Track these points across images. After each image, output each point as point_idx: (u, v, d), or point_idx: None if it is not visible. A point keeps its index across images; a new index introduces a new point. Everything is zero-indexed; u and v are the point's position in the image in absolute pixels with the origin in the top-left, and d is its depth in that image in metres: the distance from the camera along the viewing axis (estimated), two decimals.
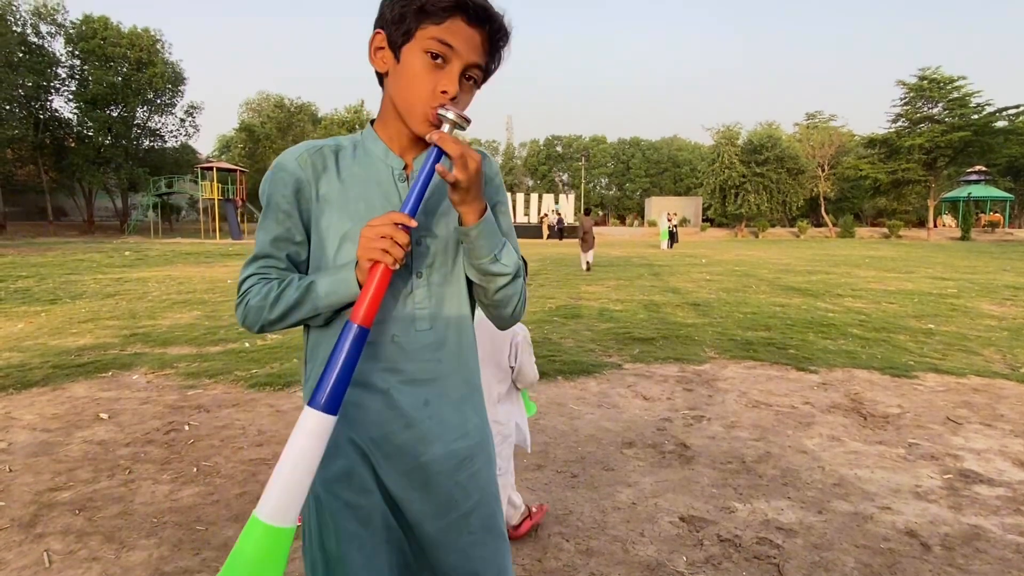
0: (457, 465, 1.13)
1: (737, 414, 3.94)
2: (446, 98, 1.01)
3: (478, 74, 1.07)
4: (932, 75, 39.79)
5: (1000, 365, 5.25)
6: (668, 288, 10.62)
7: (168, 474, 2.99)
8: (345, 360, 0.98)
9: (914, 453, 3.33)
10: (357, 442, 1.09)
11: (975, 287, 10.85)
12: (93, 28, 37.46)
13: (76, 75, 38.05)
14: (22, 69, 33.41)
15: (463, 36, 1.01)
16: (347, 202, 1.09)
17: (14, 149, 36.66)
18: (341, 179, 1.10)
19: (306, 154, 1.10)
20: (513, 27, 1.08)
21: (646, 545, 2.38)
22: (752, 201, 43.81)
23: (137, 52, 38.22)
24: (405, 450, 1.10)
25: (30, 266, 14.11)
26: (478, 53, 1.04)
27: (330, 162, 1.11)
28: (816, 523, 2.55)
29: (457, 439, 1.13)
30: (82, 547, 2.32)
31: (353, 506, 1.09)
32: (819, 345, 5.97)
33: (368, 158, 1.12)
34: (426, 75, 1.02)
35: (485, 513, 1.17)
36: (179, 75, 41.21)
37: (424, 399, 1.10)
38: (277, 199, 1.09)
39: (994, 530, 2.51)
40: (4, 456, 3.19)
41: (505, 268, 1.08)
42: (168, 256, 18.51)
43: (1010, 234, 38.49)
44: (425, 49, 1.02)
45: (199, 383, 4.54)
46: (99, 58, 37.32)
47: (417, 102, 1.03)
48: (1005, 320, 7.44)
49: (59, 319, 7.19)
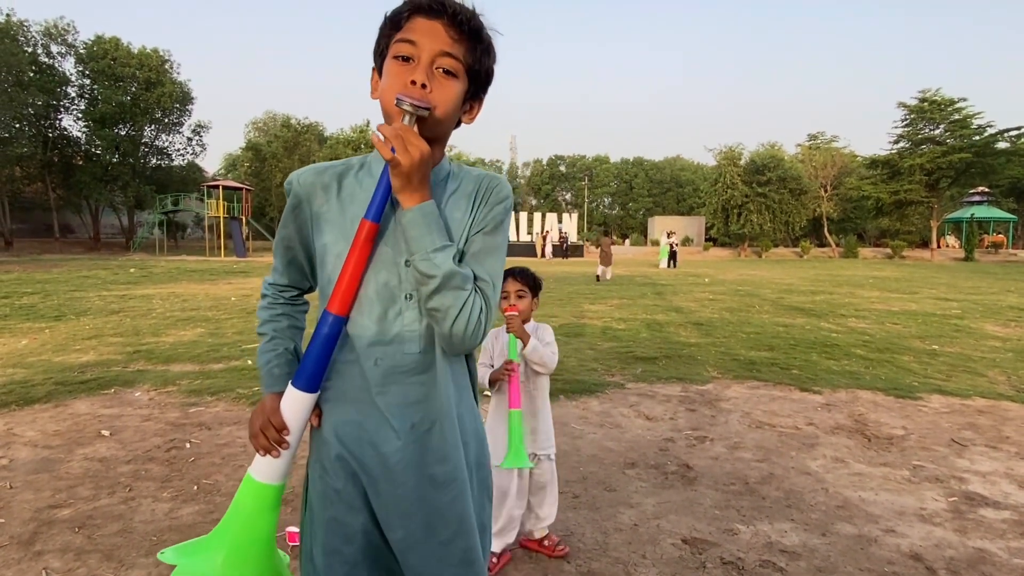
0: (437, 490, 1.13)
1: (740, 435, 3.92)
2: (415, 88, 1.03)
3: (453, 64, 1.07)
4: (933, 97, 40.01)
5: (1005, 386, 5.22)
6: (671, 307, 10.61)
7: (168, 492, 2.97)
8: (322, 345, 1.09)
9: (919, 475, 3.30)
10: (348, 461, 1.12)
11: (979, 308, 10.82)
12: (104, 48, 38.06)
13: (86, 94, 38.59)
14: (32, 88, 33.79)
15: (422, 29, 1.05)
16: (344, 222, 1.12)
17: (22, 167, 37.05)
18: (340, 199, 1.14)
19: (309, 174, 1.16)
20: (480, 11, 1.10)
21: (648, 568, 2.35)
22: (755, 221, 43.88)
23: (146, 72, 38.79)
24: (393, 473, 1.11)
25: (35, 282, 14.18)
26: (442, 41, 1.05)
27: (332, 183, 1.16)
28: (820, 546, 2.52)
29: (437, 463, 1.13)
30: (81, 565, 2.31)
31: (340, 522, 1.13)
32: (823, 365, 5.95)
33: (370, 179, 1.15)
34: (396, 75, 1.06)
35: (464, 545, 1.15)
36: (187, 94, 41.73)
37: (410, 422, 1.12)
38: (284, 215, 1.20)
39: (1000, 554, 2.48)
40: (5, 473, 3.18)
41: (434, 268, 1.03)
42: (173, 273, 18.59)
43: (1014, 255, 38.46)
44: (394, 54, 1.07)
45: (201, 400, 4.54)
46: (109, 78, 37.87)
47: (388, 100, 1.06)
48: (1009, 341, 7.42)
49: (63, 335, 7.21)
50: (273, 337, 1.21)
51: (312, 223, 1.15)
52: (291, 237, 1.19)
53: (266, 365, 1.19)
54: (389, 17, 1.09)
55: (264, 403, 1.15)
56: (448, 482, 1.14)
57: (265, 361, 1.20)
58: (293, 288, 1.26)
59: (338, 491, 1.12)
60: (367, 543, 1.13)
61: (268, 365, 1.19)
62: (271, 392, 1.16)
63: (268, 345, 1.21)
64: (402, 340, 1.10)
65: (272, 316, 1.23)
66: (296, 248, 1.20)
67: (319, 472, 1.15)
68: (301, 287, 1.26)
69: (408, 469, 1.11)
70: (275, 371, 1.18)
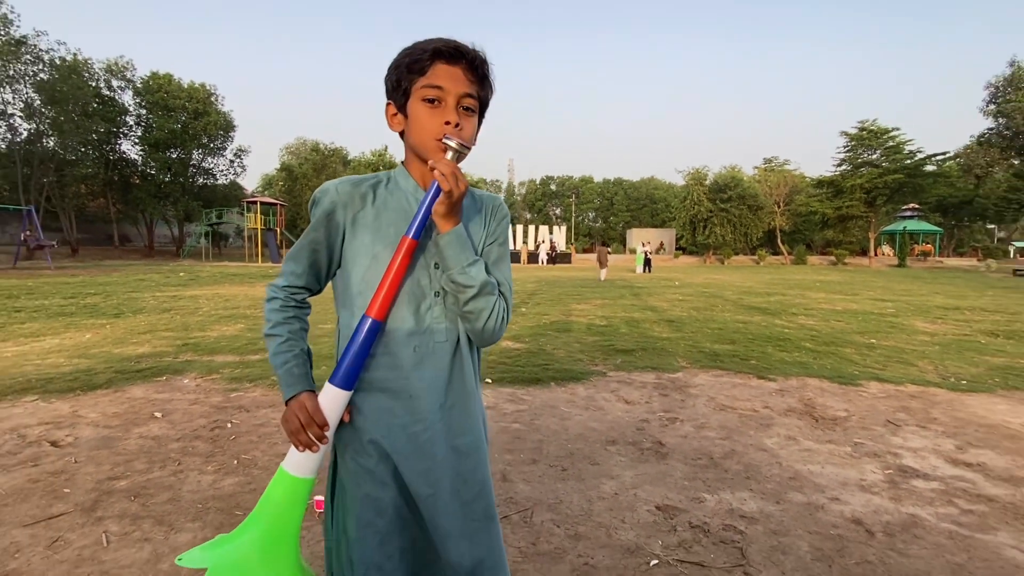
0: (461, 458, 1.15)
1: (706, 416, 3.92)
2: (450, 128, 1.06)
3: (472, 103, 1.10)
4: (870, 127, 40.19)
5: (933, 375, 5.23)
6: (646, 307, 10.61)
7: (212, 465, 2.96)
8: (360, 346, 1.06)
9: (859, 451, 3.31)
10: (380, 444, 1.11)
11: (911, 307, 10.85)
12: (158, 83, 37.98)
13: (142, 123, 38.49)
14: (96, 117, 33.74)
15: (447, 75, 1.07)
16: (380, 227, 1.12)
17: (87, 185, 37.01)
18: (375, 206, 1.14)
19: (348, 184, 1.15)
20: (487, 54, 1.12)
21: (627, 531, 2.35)
22: (718, 233, 44.05)
23: (195, 103, 38.70)
24: (423, 450, 1.11)
25: (98, 285, 14.14)
26: (464, 84, 1.08)
27: (368, 192, 1.15)
28: (774, 512, 2.52)
29: (460, 435, 1.15)
30: (136, 529, 2.30)
31: (372, 498, 1.11)
32: (776, 357, 5.95)
33: (400, 192, 1.16)
34: (429, 117, 1.07)
35: (485, 503, 1.17)
36: (230, 123, 41.63)
37: (439, 402, 1.12)
38: (315, 217, 1.14)
39: (929, 519, 2.48)
40: (71, 449, 3.17)
41: (471, 280, 1.07)
42: (217, 277, 18.54)
43: (940, 262, 38.57)
44: (422, 98, 1.08)
45: (241, 387, 4.52)
46: (162, 108, 37.78)
47: (428, 139, 1.08)
48: (937, 336, 7.43)
49: (122, 331, 7.18)
50: (288, 339, 1.13)
51: (347, 227, 1.13)
52: (319, 240, 1.14)
53: (284, 366, 1.10)
54: (410, 60, 1.08)
55: (302, 401, 1.06)
56: (471, 451, 1.16)
57: (283, 362, 1.11)
58: (306, 290, 1.18)
59: (370, 470, 1.10)
60: (396, 515, 1.12)
61: (287, 366, 1.10)
62: (301, 390, 1.09)
63: (284, 346, 1.12)
64: (432, 331, 1.12)
65: (285, 319, 1.14)
66: (321, 251, 1.15)
67: (351, 454, 1.12)
68: (312, 289, 1.19)
69: (436, 442, 1.11)
70: (295, 371, 1.10)
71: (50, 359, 5.43)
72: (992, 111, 36.59)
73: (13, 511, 2.44)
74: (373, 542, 1.09)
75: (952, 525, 2.43)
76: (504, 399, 4.23)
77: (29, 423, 3.58)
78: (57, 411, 3.83)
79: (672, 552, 2.19)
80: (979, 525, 2.43)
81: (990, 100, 36.60)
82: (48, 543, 2.19)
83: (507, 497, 2.64)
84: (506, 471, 2.93)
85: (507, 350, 6.07)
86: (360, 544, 1.10)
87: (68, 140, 32.31)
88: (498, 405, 4.07)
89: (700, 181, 46.03)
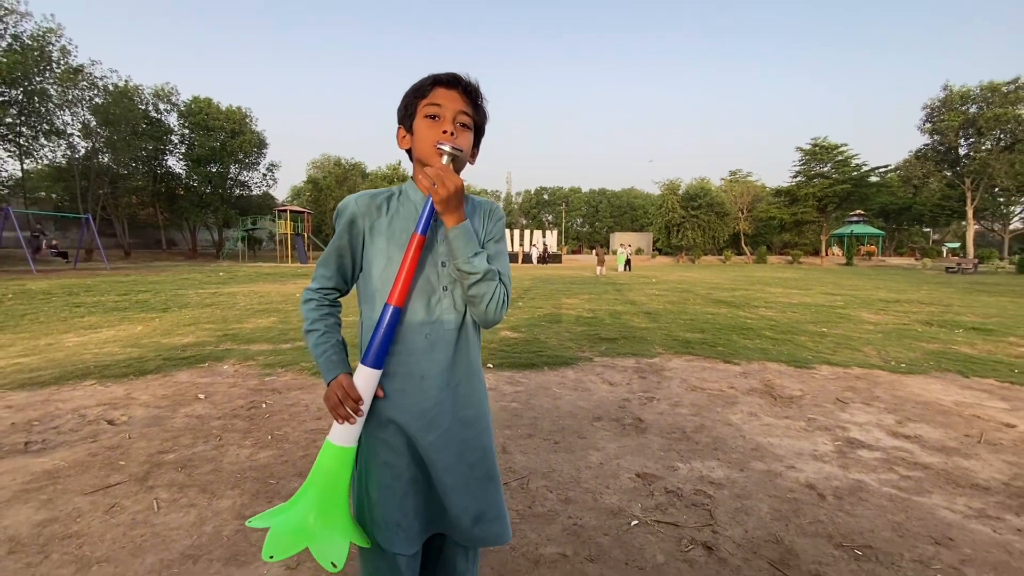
0: (465, 427, 1.17)
1: (679, 396, 3.93)
2: (446, 136, 1.10)
3: (467, 119, 1.14)
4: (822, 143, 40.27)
5: (876, 359, 5.25)
6: (627, 301, 10.61)
7: (249, 440, 2.96)
8: (386, 330, 1.09)
9: (812, 425, 3.32)
10: (397, 421, 1.12)
11: (857, 300, 10.87)
12: (199, 106, 37.73)
13: (185, 141, 38.23)
14: (145, 136, 33.54)
15: (445, 96, 1.12)
16: (393, 234, 1.15)
17: (138, 196, 36.89)
18: (389, 215, 1.17)
19: (365, 197, 1.18)
20: (479, 83, 1.16)
21: (611, 495, 2.36)
22: (690, 236, 44.07)
23: (232, 124, 38.46)
24: (433, 423, 1.13)
25: (148, 283, 14.08)
26: (460, 104, 1.13)
27: (383, 204, 1.18)
28: (739, 478, 2.53)
29: (465, 408, 1.17)
30: (182, 496, 2.30)
31: (390, 464, 1.13)
32: (740, 344, 5.96)
33: (409, 203, 1.18)
34: (429, 129, 1.12)
35: (487, 466, 1.19)
36: (263, 141, 41.40)
37: (446, 380, 1.14)
38: (339, 227, 1.17)
39: (872, 483, 2.50)
40: (125, 427, 3.17)
41: (475, 268, 1.10)
42: (252, 276, 18.48)
43: (883, 261, 38.66)
44: (424, 115, 1.13)
45: (274, 372, 4.52)
46: (203, 128, 37.54)
47: (428, 146, 1.12)
48: (880, 325, 7.45)
49: (169, 323, 7.16)
50: (325, 331, 1.16)
51: (366, 234, 1.16)
52: (344, 247, 1.17)
53: (323, 355, 1.13)
54: (414, 88, 1.14)
55: (340, 381, 1.09)
56: (474, 422, 1.18)
57: (322, 351, 1.13)
58: (335, 291, 1.21)
59: (387, 441, 1.13)
60: (411, 478, 1.14)
61: (326, 354, 1.13)
62: (339, 373, 1.11)
63: (322, 339, 1.15)
64: (442, 320, 1.14)
65: (321, 315, 1.18)
66: (346, 256, 1.18)
67: (371, 430, 1.14)
68: (341, 289, 1.22)
69: (443, 415, 1.14)
70: (333, 358, 1.13)
71: (106, 348, 5.41)
72: (928, 129, 36.59)
73: (75, 481, 2.44)
74: (392, 503, 1.12)
75: (892, 489, 2.44)
76: (503, 382, 4.24)
77: (88, 404, 3.58)
78: (113, 394, 3.82)
79: (650, 514, 2.20)
80: (915, 489, 2.44)
81: (927, 119, 36.59)
82: (106, 508, 2.19)
83: (506, 467, 2.64)
84: (505, 444, 2.94)
85: (505, 339, 6.07)
86: (381, 505, 1.12)
87: (120, 157, 32.10)
88: (498, 387, 4.07)
89: (674, 191, 46.06)
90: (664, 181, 47.10)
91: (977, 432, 3.19)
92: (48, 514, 2.14)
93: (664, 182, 47.05)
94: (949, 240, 55.06)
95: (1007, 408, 3.67)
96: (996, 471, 2.64)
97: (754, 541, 1.99)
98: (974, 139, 34.49)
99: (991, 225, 42.26)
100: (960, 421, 3.40)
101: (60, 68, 27.33)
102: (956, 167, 36.75)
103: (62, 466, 2.59)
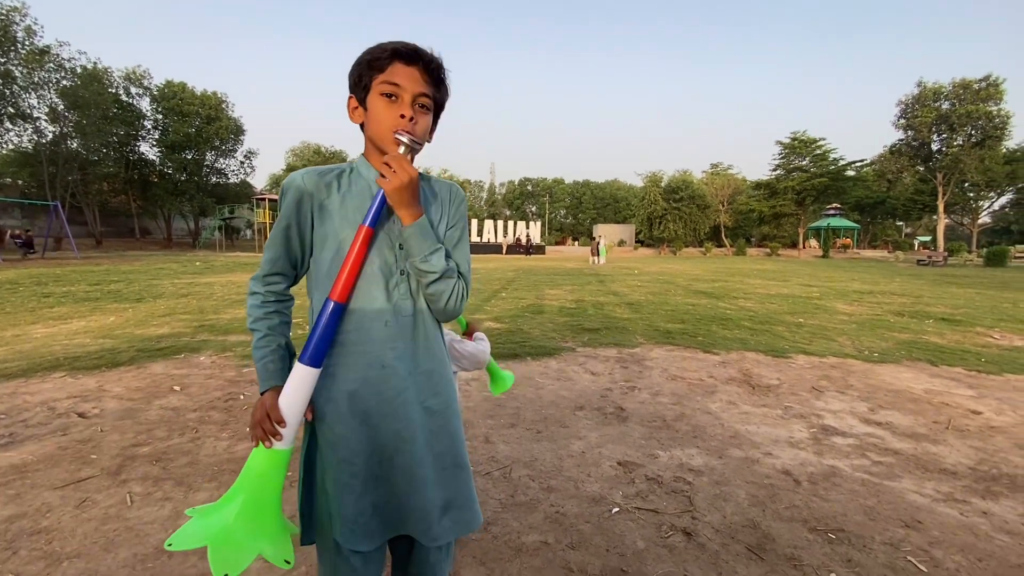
0: (432, 416, 1.13)
1: (660, 385, 3.97)
2: (404, 121, 1.02)
3: (428, 101, 1.07)
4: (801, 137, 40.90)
5: (850, 349, 5.37)
6: (609, 292, 10.68)
7: (226, 432, 2.91)
8: (324, 327, 1.02)
9: (788, 413, 3.38)
10: (356, 413, 1.07)
11: (833, 292, 11.10)
12: (173, 90, 36.47)
13: (159, 126, 37.00)
14: (116, 121, 32.37)
15: (404, 74, 1.03)
16: (346, 213, 1.07)
17: (109, 183, 35.56)
18: (340, 194, 1.09)
19: (313, 174, 1.09)
20: (443, 58, 1.07)
21: (592, 483, 2.37)
22: (671, 228, 44.53)
23: (207, 109, 37.29)
24: (397, 412, 1.08)
25: (120, 273, 13.69)
26: (420, 84, 1.04)
27: (333, 181, 1.10)
28: (717, 465, 2.57)
29: (430, 397, 1.13)
30: (157, 490, 2.25)
31: (347, 461, 1.08)
32: (720, 334, 6.05)
33: (362, 180, 1.11)
34: (386, 111, 1.04)
35: (454, 453, 1.15)
36: (239, 127, 40.29)
37: (409, 369, 1.09)
38: (285, 207, 1.09)
39: (846, 469, 2.56)
40: (97, 420, 3.08)
41: (433, 267, 1.05)
42: (229, 266, 18.09)
43: (858, 253, 39.60)
44: (380, 92, 1.04)
45: (252, 363, 4.42)
46: (177, 114, 36.34)
47: (385, 131, 1.04)
48: (854, 316, 7.63)
49: (143, 314, 6.98)
50: (267, 334, 1.08)
51: (315, 214, 1.08)
52: (292, 227, 1.08)
53: (261, 360, 1.06)
54: (370, 59, 1.04)
55: (264, 399, 1.03)
56: (440, 410, 1.14)
57: (260, 356, 1.06)
58: (283, 278, 1.12)
59: (346, 437, 1.07)
60: (369, 475, 1.09)
61: (264, 360, 1.06)
62: (269, 387, 1.05)
63: (263, 342, 1.07)
64: (400, 306, 1.09)
65: (265, 314, 1.09)
66: (294, 238, 1.10)
67: (328, 425, 1.08)
68: (289, 276, 1.13)
69: (408, 405, 1.09)
70: (270, 367, 1.06)
71: (77, 339, 5.25)
72: (902, 124, 37.42)
73: (45, 475, 2.36)
74: (349, 500, 1.08)
75: (865, 474, 2.50)
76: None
77: (58, 397, 3.47)
78: (84, 386, 3.71)
79: (631, 501, 2.22)
80: (887, 474, 2.51)
81: (901, 115, 37.39)
82: (77, 503, 2.13)
83: (489, 456, 2.64)
84: (488, 434, 2.93)
85: (489, 329, 6.05)
86: (338, 501, 1.08)
87: (90, 142, 30.93)
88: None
89: (656, 183, 46.40)
90: (647, 173, 47.38)
91: (945, 419, 3.30)
92: (16, 509, 2.07)
93: (647, 174, 47.34)
94: (921, 234, 56.68)
95: (974, 396, 3.80)
96: (963, 456, 2.73)
97: (732, 526, 2.03)
98: (946, 135, 35.42)
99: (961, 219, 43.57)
100: (930, 408, 3.50)
101: (25, 49, 26.15)
102: (929, 162, 37.72)
103: (30, 460, 2.51)
